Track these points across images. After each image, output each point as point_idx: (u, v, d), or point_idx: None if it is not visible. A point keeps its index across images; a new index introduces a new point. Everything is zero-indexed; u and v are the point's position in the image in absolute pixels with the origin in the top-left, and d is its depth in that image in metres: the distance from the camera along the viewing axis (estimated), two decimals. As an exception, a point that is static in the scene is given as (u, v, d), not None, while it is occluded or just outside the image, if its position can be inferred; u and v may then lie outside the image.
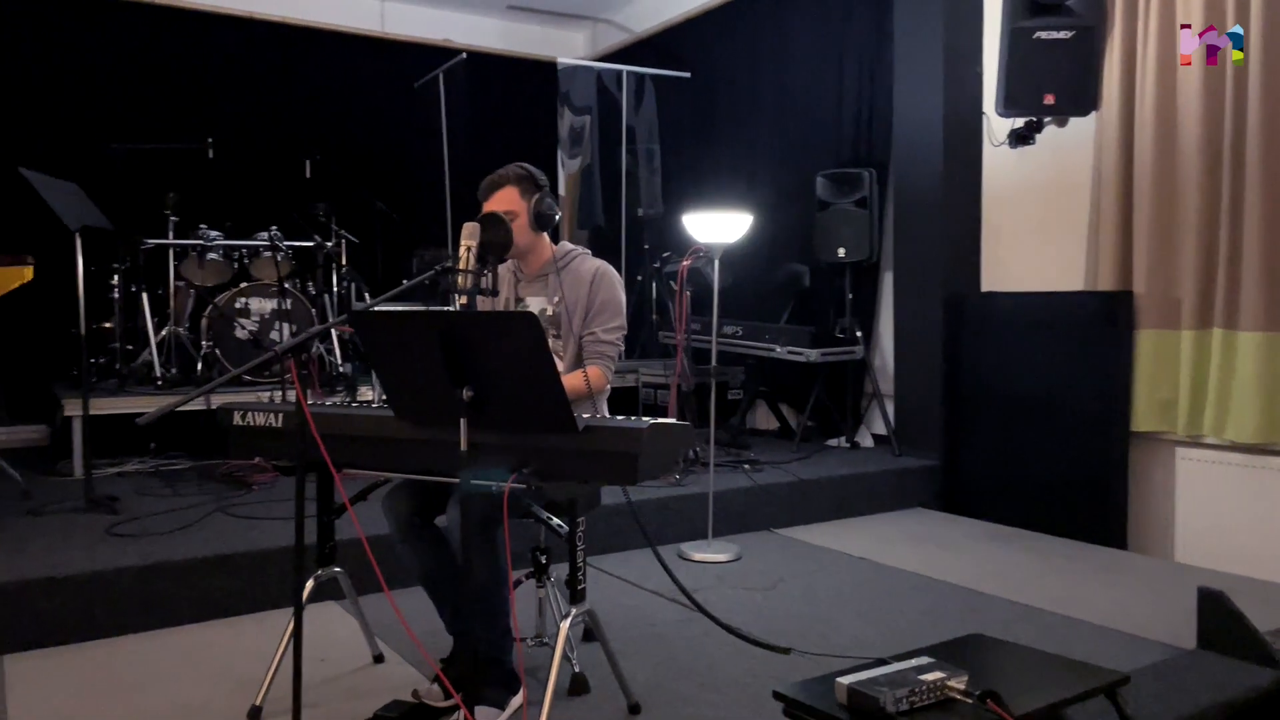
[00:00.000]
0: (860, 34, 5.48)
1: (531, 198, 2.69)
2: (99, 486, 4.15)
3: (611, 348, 2.73)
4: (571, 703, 2.49)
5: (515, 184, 2.69)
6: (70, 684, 2.63)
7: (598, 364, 2.70)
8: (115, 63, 6.11)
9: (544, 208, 2.71)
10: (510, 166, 2.73)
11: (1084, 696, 1.84)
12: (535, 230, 2.72)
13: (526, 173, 2.71)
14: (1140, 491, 4.27)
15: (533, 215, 2.69)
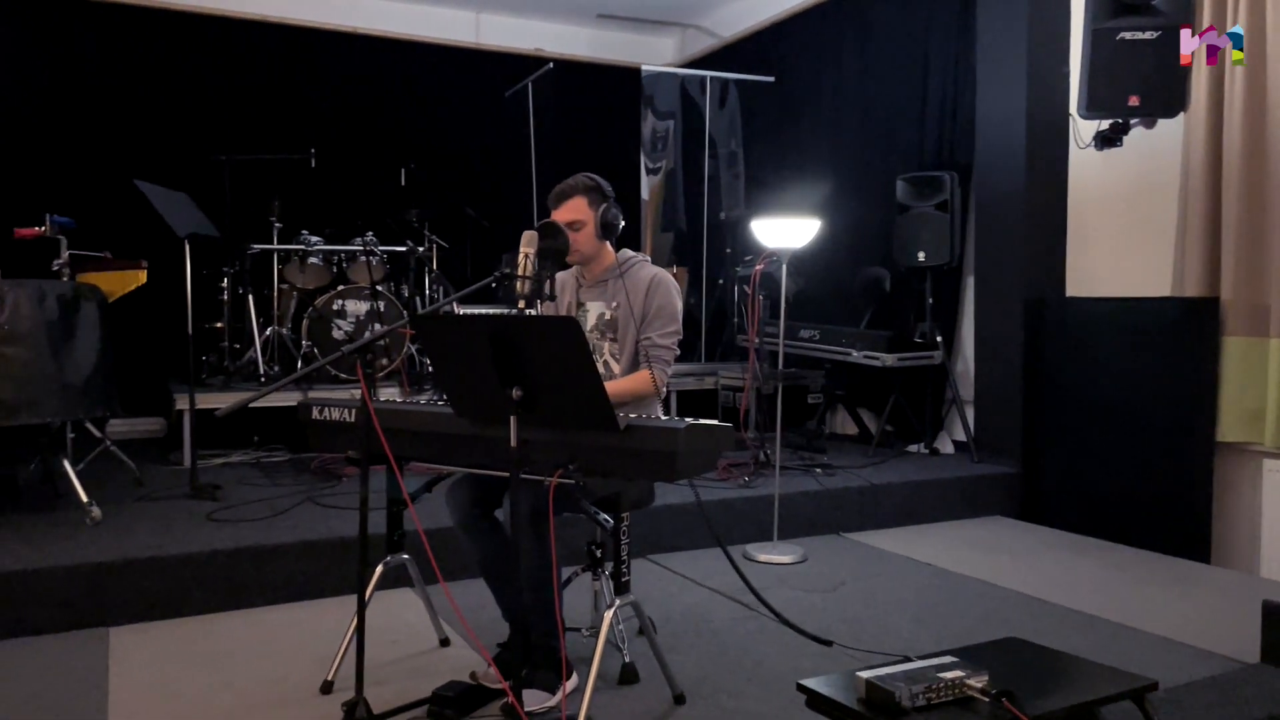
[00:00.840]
0: (944, 36, 5.43)
1: (598, 207, 2.80)
2: (205, 476, 4.44)
3: (668, 352, 2.81)
4: (621, 691, 2.60)
5: (583, 194, 2.80)
6: (166, 655, 2.86)
7: (656, 367, 2.79)
8: (225, 78, 6.49)
9: (609, 217, 2.81)
10: (579, 177, 2.85)
11: (1105, 701, 1.85)
12: (600, 238, 2.84)
13: (594, 183, 2.82)
14: (1225, 504, 4.14)
15: (599, 224, 2.81)
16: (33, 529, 3.51)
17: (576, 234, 2.80)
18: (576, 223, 2.79)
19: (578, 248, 2.81)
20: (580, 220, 2.79)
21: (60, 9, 6.06)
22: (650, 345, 2.80)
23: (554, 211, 2.84)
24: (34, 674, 2.69)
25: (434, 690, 2.43)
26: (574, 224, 2.79)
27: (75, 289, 3.77)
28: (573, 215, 2.80)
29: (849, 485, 4.48)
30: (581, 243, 2.81)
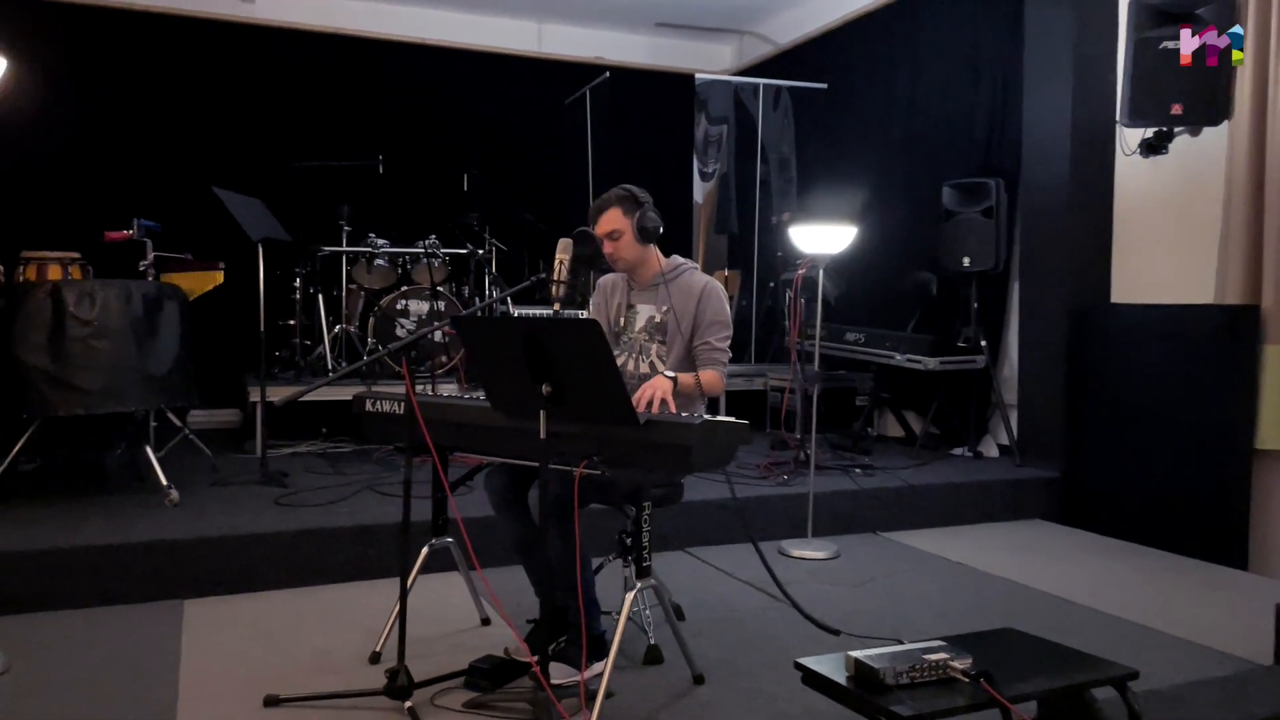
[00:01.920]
0: (993, 44, 5.49)
1: (633, 215, 2.97)
2: (275, 464, 4.72)
3: (724, 354, 2.98)
4: (645, 671, 2.77)
5: (617, 205, 2.97)
6: (233, 627, 3.12)
7: (715, 369, 2.95)
8: (299, 89, 6.83)
9: (646, 222, 2.98)
10: (613, 190, 3.02)
11: (1083, 686, 1.96)
12: (641, 243, 3.00)
13: (627, 193, 2.99)
14: (1263, 511, 4.14)
15: (636, 230, 2.98)
16: (118, 509, 3.82)
17: (617, 243, 2.97)
18: (615, 232, 2.97)
19: (620, 255, 2.99)
20: (618, 230, 2.96)
21: (145, 26, 6.45)
22: (709, 349, 2.95)
23: (595, 226, 3.01)
24: (114, 640, 2.97)
25: (470, 663, 2.63)
26: (613, 234, 2.97)
27: (158, 288, 4.08)
28: (610, 226, 2.97)
29: (886, 486, 4.59)
30: (623, 250, 2.98)
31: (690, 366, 2.94)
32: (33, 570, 3.23)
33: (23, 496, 3.98)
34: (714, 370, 2.91)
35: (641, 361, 3.02)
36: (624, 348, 3.07)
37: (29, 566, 3.23)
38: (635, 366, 3.03)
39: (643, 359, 3.02)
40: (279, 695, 2.52)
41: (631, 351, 3.05)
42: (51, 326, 3.72)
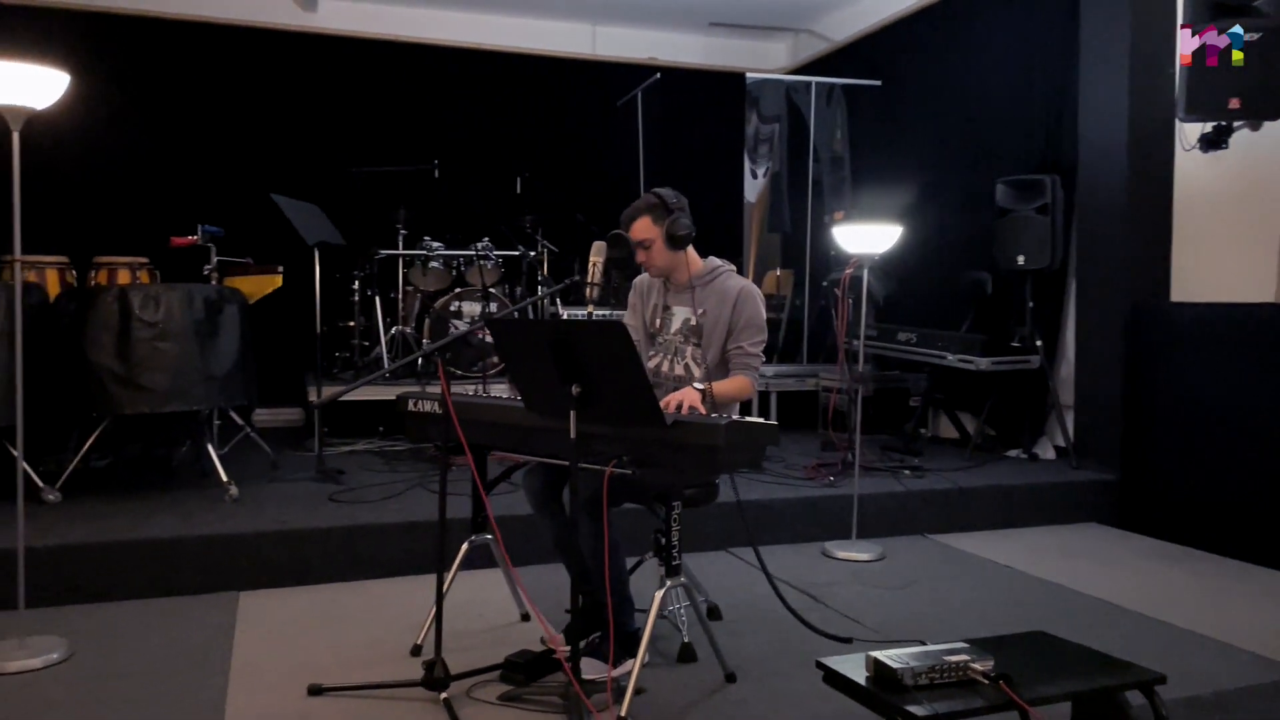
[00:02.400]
0: (1049, 39, 5.38)
1: (663, 223, 2.99)
2: (332, 462, 4.87)
3: (757, 359, 3.00)
4: (678, 668, 2.81)
5: (647, 213, 3.00)
6: (284, 617, 3.23)
7: (747, 374, 2.97)
8: (356, 95, 7.01)
9: (676, 229, 3.00)
10: (642, 198, 3.05)
11: (1108, 690, 1.94)
12: (672, 249, 3.03)
13: (657, 200, 3.01)
14: (1329, 517, 4.00)
15: (666, 237, 3.00)
16: (181, 503, 3.97)
17: (649, 251, 3.00)
18: (646, 241, 3.00)
19: (652, 263, 3.02)
20: (649, 238, 2.99)
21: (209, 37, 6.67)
22: (742, 354, 2.98)
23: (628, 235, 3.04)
24: (172, 629, 3.10)
25: (506, 657, 2.69)
26: (644, 243, 3.00)
27: (219, 291, 4.23)
28: (641, 235, 3.00)
29: (935, 488, 4.54)
30: (655, 258, 3.02)
31: (726, 369, 2.96)
32: (98, 561, 3.39)
33: (94, 491, 4.16)
34: (745, 376, 2.93)
35: (677, 363, 3.05)
36: (659, 349, 3.10)
37: (95, 558, 3.39)
38: (670, 368, 3.06)
39: (678, 361, 3.05)
40: (322, 685, 2.61)
41: (667, 353, 3.08)
42: (119, 329, 3.89)
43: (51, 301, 4.23)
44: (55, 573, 3.32)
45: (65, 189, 6.08)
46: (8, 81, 2.62)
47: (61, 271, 4.68)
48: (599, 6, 7.40)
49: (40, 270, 4.59)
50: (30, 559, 3.12)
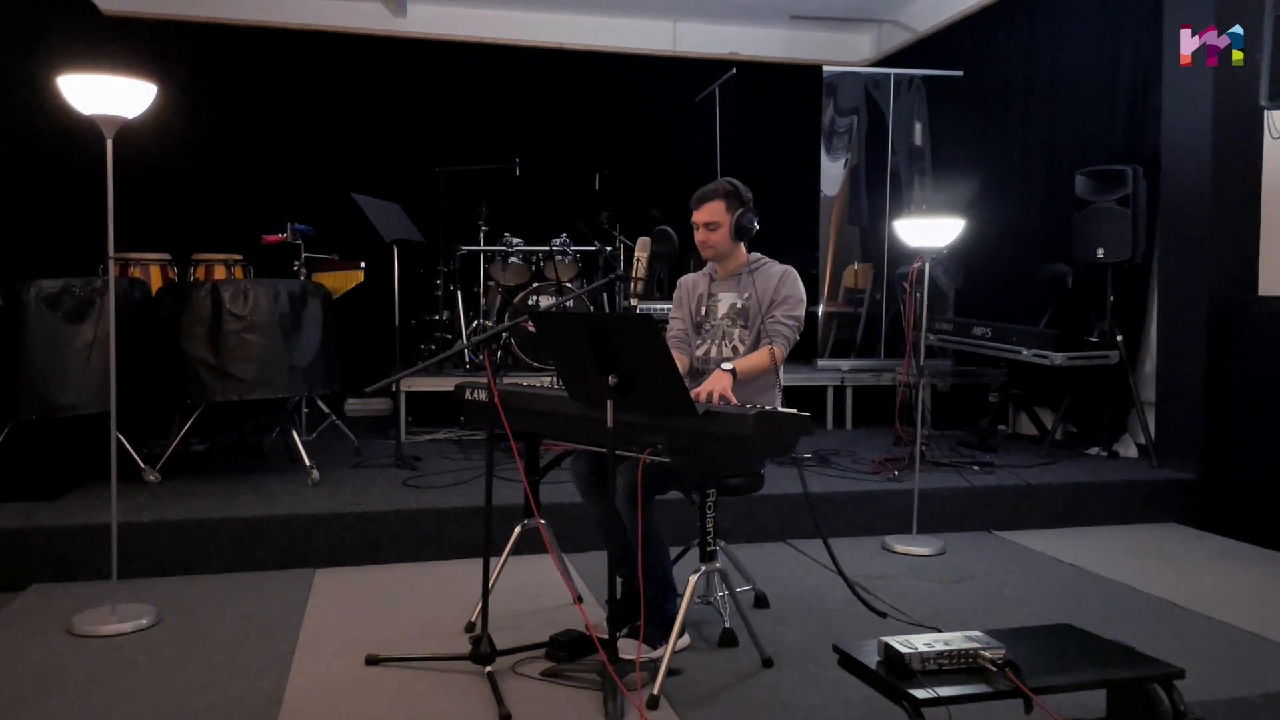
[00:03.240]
0: (1135, 26, 5.23)
1: (735, 211, 3.09)
2: (413, 449, 5.08)
3: (789, 329, 3.06)
4: (718, 652, 2.88)
5: (722, 198, 3.10)
6: (354, 593, 3.43)
7: (775, 342, 3.04)
8: (440, 96, 7.25)
9: (744, 221, 3.09)
10: (720, 181, 3.14)
11: (1121, 683, 1.93)
12: (735, 239, 3.13)
13: (734, 189, 3.10)
14: None
15: (734, 227, 3.10)
16: (267, 485, 4.23)
17: (713, 233, 3.10)
18: (713, 223, 3.09)
19: (712, 244, 3.12)
20: (717, 221, 3.09)
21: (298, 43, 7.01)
22: (774, 323, 3.05)
23: (695, 212, 3.14)
24: (251, 600, 3.33)
25: (551, 635, 2.81)
26: (711, 224, 3.09)
27: (303, 286, 4.47)
28: (711, 216, 3.09)
29: (1003, 484, 4.48)
30: (716, 241, 3.11)
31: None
32: (188, 537, 3.64)
33: (190, 473, 4.45)
34: (775, 344, 2.98)
35: (725, 346, 3.13)
36: (706, 336, 3.18)
37: (185, 534, 3.65)
38: (719, 352, 3.14)
39: (725, 344, 3.13)
40: (379, 655, 2.78)
41: (714, 338, 3.16)
42: (211, 322, 4.16)
43: (154, 296, 4.54)
44: (149, 547, 3.59)
45: (167, 191, 6.49)
46: (100, 93, 2.85)
47: (163, 268, 5.02)
48: (680, 3, 7.46)
49: (144, 267, 4.93)
50: (126, 534, 3.39)
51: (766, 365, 2.98)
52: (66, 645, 2.90)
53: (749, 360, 2.97)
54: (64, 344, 3.95)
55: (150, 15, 6.70)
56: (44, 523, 3.56)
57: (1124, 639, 2.23)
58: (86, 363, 3.96)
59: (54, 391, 3.93)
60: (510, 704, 2.46)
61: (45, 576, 3.49)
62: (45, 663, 2.76)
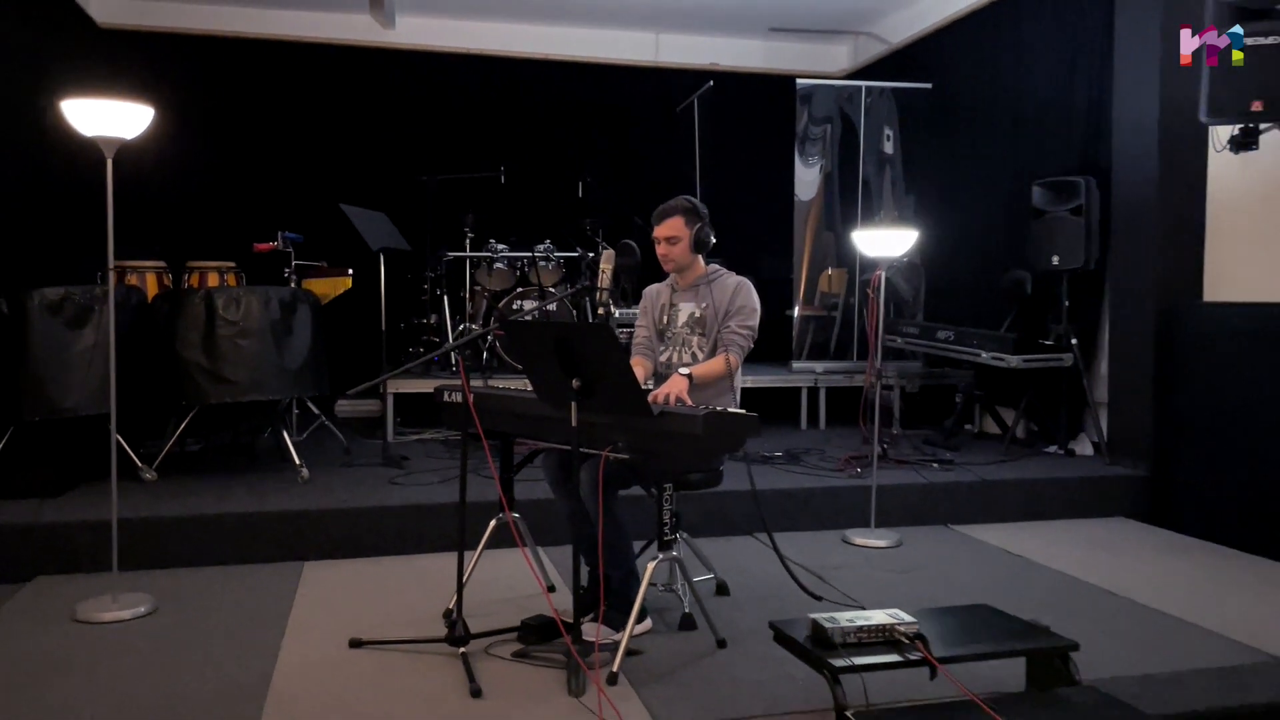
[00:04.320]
0: (1090, 42, 5.46)
1: (694, 226, 3.32)
2: (400, 449, 5.29)
3: (743, 339, 3.28)
4: (678, 635, 3.10)
5: (681, 214, 3.32)
6: (340, 585, 3.64)
7: (730, 351, 3.26)
8: (427, 106, 7.48)
9: (702, 235, 3.33)
10: (679, 199, 3.36)
11: (1018, 653, 2.16)
12: (694, 252, 3.36)
13: (691, 205, 3.33)
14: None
15: (693, 240, 3.33)
16: (259, 484, 4.44)
17: (673, 247, 3.33)
18: (674, 238, 3.32)
19: (673, 258, 3.35)
20: (677, 236, 3.31)
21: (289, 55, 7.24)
22: (730, 333, 3.28)
23: (656, 228, 3.36)
24: (242, 591, 3.54)
25: (522, 620, 3.03)
26: (671, 238, 3.32)
27: (293, 293, 4.68)
28: (671, 231, 3.32)
29: (961, 480, 4.71)
30: (677, 254, 3.34)
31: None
32: (184, 532, 3.86)
33: (186, 472, 4.66)
34: (729, 353, 3.20)
35: (684, 353, 3.35)
36: (668, 343, 3.41)
37: (182, 529, 3.86)
38: (679, 358, 3.36)
39: (685, 350, 3.35)
40: (361, 639, 2.99)
41: (675, 345, 3.38)
42: (205, 327, 4.37)
43: (150, 302, 4.75)
44: (147, 541, 3.80)
45: (163, 200, 6.70)
46: (101, 115, 3.06)
47: (159, 275, 5.23)
48: (662, 15, 7.68)
49: (140, 274, 5.13)
50: (125, 529, 3.60)
51: (721, 372, 3.20)
52: (71, 632, 3.11)
53: (705, 366, 3.19)
54: (65, 349, 4.16)
55: (145, 29, 6.91)
56: (48, 518, 3.78)
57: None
58: (87, 367, 4.17)
59: (56, 394, 4.14)
60: (482, 681, 2.68)
61: (50, 569, 3.70)
62: (52, 648, 2.98)
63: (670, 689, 2.68)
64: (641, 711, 2.53)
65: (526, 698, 2.63)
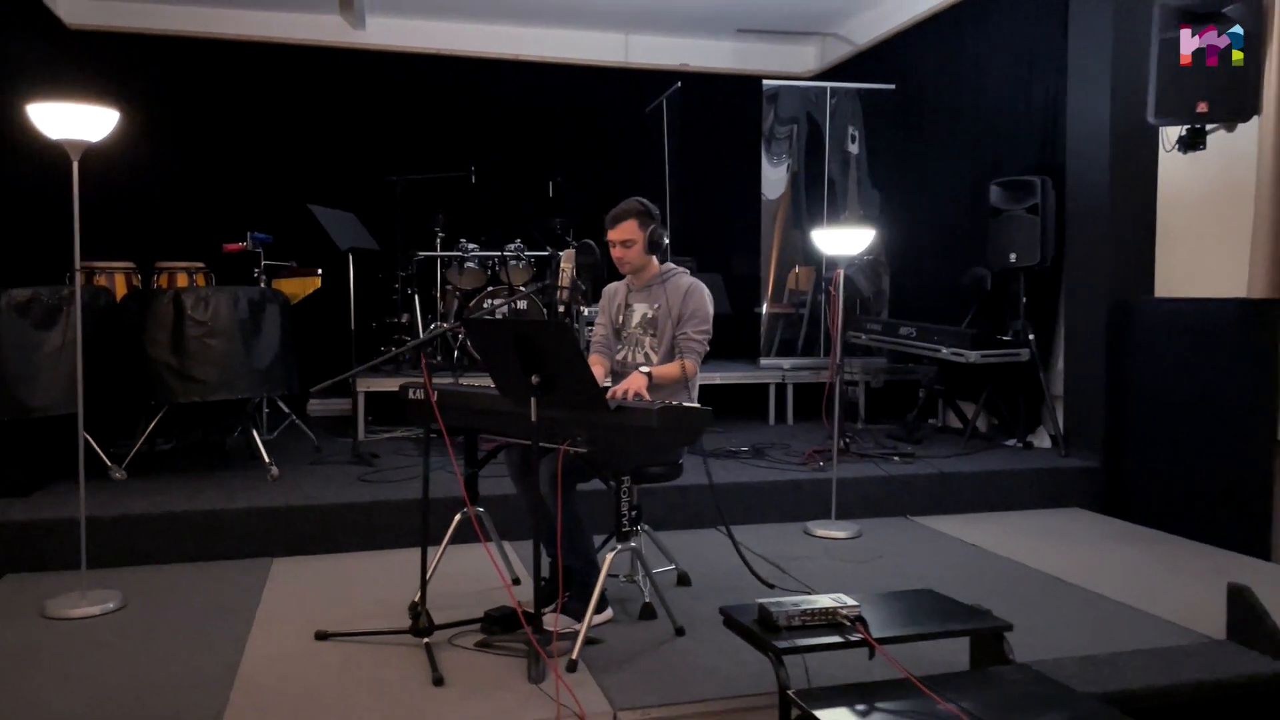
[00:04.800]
0: (1047, 45, 5.59)
1: (647, 229, 3.40)
2: (373, 447, 5.35)
3: (699, 344, 3.37)
4: (638, 624, 3.19)
5: (635, 217, 3.41)
6: (309, 579, 3.70)
7: (688, 357, 3.35)
8: (399, 107, 7.53)
9: (655, 237, 3.41)
10: (631, 201, 3.45)
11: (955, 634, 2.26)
12: (648, 253, 3.44)
13: (644, 208, 3.42)
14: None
15: (647, 242, 3.41)
16: (229, 482, 4.48)
17: (628, 249, 3.41)
18: (628, 240, 3.40)
19: (628, 259, 3.43)
20: (632, 239, 3.40)
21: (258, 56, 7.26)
22: (685, 339, 3.36)
23: (610, 231, 3.45)
24: (211, 586, 3.59)
25: (486, 611, 3.10)
26: (626, 241, 3.40)
27: (261, 293, 4.73)
28: (625, 234, 3.40)
29: (919, 473, 4.83)
30: (632, 256, 3.42)
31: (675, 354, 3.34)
32: (153, 530, 3.90)
33: (156, 471, 4.70)
34: (686, 359, 3.29)
35: (637, 353, 3.44)
36: (624, 342, 3.49)
37: (152, 526, 3.90)
38: (632, 357, 3.45)
39: (638, 350, 3.44)
40: (327, 631, 3.06)
41: (629, 345, 3.47)
42: (173, 327, 4.41)
43: (119, 303, 4.78)
44: (117, 539, 3.84)
45: (132, 201, 6.72)
46: (66, 119, 3.11)
47: (128, 276, 5.26)
48: (631, 16, 7.75)
49: (109, 275, 5.16)
50: (95, 527, 3.65)
51: (677, 376, 3.29)
52: (40, 627, 3.16)
53: (664, 368, 3.28)
54: (34, 349, 4.19)
55: (114, 29, 6.92)
56: (17, 517, 3.81)
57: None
58: (55, 367, 4.20)
59: (25, 394, 4.17)
60: (445, 670, 2.76)
61: (20, 567, 3.74)
62: (20, 644, 3.02)
63: (627, 675, 2.76)
64: (598, 696, 2.62)
65: (488, 685, 2.70)
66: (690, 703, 2.57)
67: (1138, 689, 2.60)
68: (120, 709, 2.55)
